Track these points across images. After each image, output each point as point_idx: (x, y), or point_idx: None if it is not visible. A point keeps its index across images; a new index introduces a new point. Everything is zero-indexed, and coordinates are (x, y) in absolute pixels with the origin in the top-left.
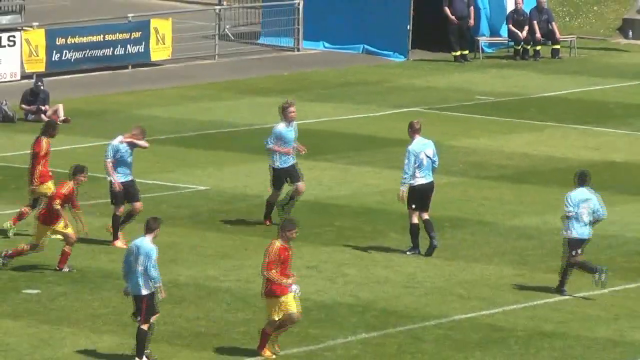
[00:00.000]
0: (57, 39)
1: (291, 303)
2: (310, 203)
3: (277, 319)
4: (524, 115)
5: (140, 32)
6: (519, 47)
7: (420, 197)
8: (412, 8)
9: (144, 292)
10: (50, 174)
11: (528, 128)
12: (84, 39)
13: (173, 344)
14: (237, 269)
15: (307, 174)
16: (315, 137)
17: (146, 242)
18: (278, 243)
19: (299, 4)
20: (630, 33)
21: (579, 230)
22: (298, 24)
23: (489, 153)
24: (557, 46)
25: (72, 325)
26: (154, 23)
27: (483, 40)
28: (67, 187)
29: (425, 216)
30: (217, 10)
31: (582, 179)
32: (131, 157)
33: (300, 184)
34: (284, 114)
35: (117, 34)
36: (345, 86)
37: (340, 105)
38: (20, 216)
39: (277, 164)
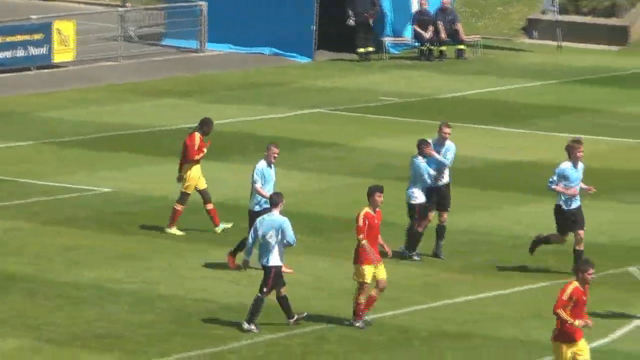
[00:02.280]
0: None
1: (584, 350)
2: (217, 205)
3: None
4: (429, 115)
5: (42, 34)
6: (424, 47)
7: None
8: (317, 9)
9: (276, 262)
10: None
11: (433, 129)
12: None
13: (74, 346)
14: (141, 271)
15: (214, 175)
16: (221, 138)
17: (275, 216)
18: (575, 283)
19: (202, 5)
20: (535, 33)
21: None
22: (202, 25)
23: (393, 154)
24: (462, 47)
25: None
26: (57, 25)
27: (388, 41)
28: (363, 214)
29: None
30: (121, 12)
31: (417, 148)
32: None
33: (581, 232)
34: (571, 153)
35: (19, 36)
36: (251, 87)
37: (245, 107)
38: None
39: (563, 206)
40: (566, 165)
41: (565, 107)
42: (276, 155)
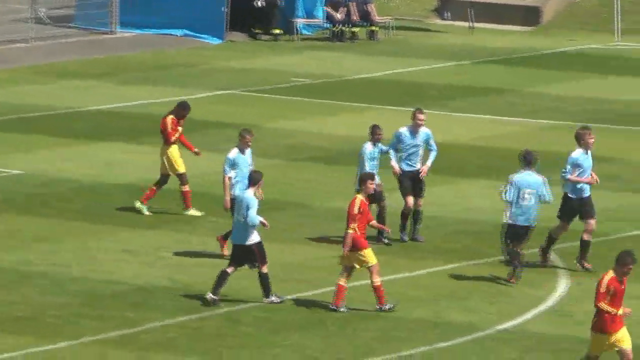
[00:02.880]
0: None
1: (625, 339)
2: (129, 186)
3: (596, 355)
4: (341, 97)
5: None
6: (335, 29)
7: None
8: None
9: (250, 241)
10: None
11: (345, 110)
12: None
13: None
14: (54, 253)
15: (126, 157)
16: (133, 120)
17: (246, 194)
18: (611, 274)
19: None
20: (447, 14)
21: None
22: (113, 7)
23: (305, 135)
24: (374, 28)
25: None
26: None
27: (299, 22)
28: (358, 202)
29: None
30: None
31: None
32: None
33: (591, 221)
34: (581, 139)
35: None
36: (162, 69)
37: (157, 89)
38: (149, 196)
39: (570, 195)
40: (577, 154)
41: (477, 88)
42: (250, 142)
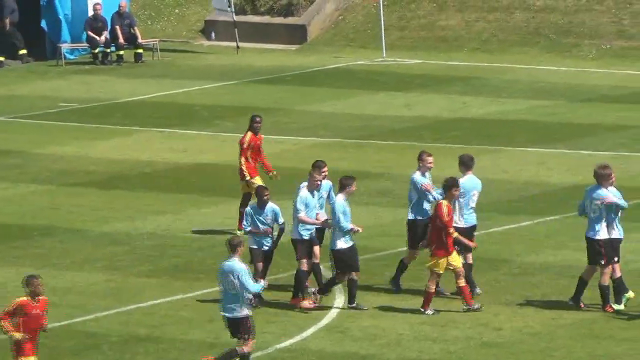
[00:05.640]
0: None
1: None
2: None
3: None
4: (110, 120)
5: None
6: (97, 52)
7: None
8: None
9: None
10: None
11: (114, 133)
12: None
13: None
14: None
15: None
16: None
17: (338, 199)
18: None
19: None
20: (213, 34)
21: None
22: None
23: (75, 160)
24: (140, 50)
25: None
26: None
27: (64, 47)
28: (445, 207)
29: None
30: None
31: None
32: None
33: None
34: (605, 181)
35: None
36: None
37: None
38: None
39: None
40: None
41: (245, 108)
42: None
